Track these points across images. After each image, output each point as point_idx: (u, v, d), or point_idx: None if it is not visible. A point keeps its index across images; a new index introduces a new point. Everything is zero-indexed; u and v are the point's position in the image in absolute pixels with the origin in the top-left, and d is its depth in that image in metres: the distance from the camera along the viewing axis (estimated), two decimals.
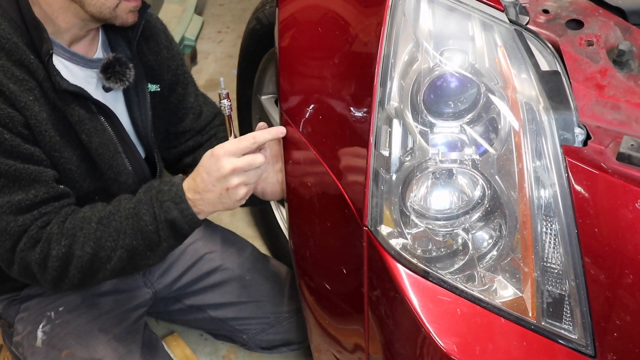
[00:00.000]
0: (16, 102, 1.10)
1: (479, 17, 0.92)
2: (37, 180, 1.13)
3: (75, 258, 1.15)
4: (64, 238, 1.15)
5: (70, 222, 1.16)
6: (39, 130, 1.13)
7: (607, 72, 0.91)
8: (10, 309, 1.44)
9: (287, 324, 1.63)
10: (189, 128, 1.50)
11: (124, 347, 1.41)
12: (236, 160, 1.11)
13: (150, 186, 1.20)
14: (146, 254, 1.19)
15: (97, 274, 1.19)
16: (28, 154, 1.12)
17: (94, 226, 1.16)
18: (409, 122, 0.91)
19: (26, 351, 1.40)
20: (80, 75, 1.23)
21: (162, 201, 1.16)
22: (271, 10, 1.64)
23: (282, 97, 1.17)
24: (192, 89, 1.49)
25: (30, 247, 1.14)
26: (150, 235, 1.17)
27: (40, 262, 1.15)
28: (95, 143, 1.22)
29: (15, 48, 1.11)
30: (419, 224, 0.93)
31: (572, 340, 0.86)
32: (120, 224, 1.16)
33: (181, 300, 1.63)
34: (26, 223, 1.13)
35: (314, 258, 1.15)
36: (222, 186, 1.13)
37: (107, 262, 1.17)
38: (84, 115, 1.20)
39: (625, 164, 0.82)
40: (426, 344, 0.89)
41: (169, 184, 1.17)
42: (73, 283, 1.19)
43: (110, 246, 1.16)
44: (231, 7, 3.81)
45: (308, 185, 1.11)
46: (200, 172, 1.14)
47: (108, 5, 1.14)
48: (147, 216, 1.16)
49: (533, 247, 0.87)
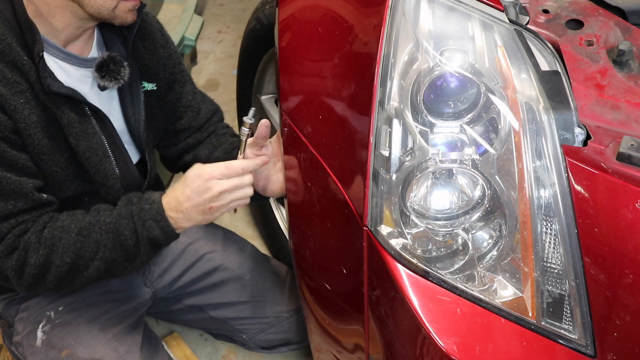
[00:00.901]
0: (5, 105, 1.09)
1: (479, 17, 0.92)
2: (16, 191, 1.13)
3: (54, 267, 1.18)
4: (42, 247, 1.17)
5: (49, 231, 1.18)
6: (27, 134, 1.13)
7: (607, 72, 0.91)
8: (10, 308, 1.44)
9: (287, 323, 1.63)
10: (188, 126, 1.50)
11: (123, 346, 1.41)
12: (224, 183, 1.15)
13: (130, 201, 1.23)
14: (123, 264, 1.23)
15: (73, 280, 1.22)
16: (12, 161, 1.12)
17: (74, 237, 1.18)
18: (409, 122, 0.91)
19: (26, 351, 1.40)
20: (75, 75, 1.22)
21: (144, 220, 1.19)
22: (271, 10, 1.64)
23: (282, 97, 1.17)
24: (189, 87, 1.50)
25: (6, 255, 1.16)
26: (129, 249, 1.21)
27: (16, 269, 1.17)
28: (83, 147, 1.22)
29: (8, 49, 1.10)
30: (419, 224, 0.93)
31: (572, 340, 0.86)
32: (100, 236, 1.19)
33: (181, 300, 1.63)
34: (3, 230, 1.14)
35: (314, 258, 1.15)
36: (206, 206, 1.17)
37: (85, 270, 1.21)
38: (74, 118, 1.19)
39: (625, 164, 0.82)
40: (426, 344, 0.89)
41: (149, 201, 1.20)
42: (48, 288, 1.22)
43: (88, 256, 1.20)
44: (231, 7, 3.81)
45: (308, 185, 1.11)
46: (186, 191, 1.17)
47: (107, 6, 1.14)
48: (127, 231, 1.19)
49: (533, 247, 0.87)
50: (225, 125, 1.56)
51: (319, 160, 1.05)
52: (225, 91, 3.01)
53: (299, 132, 1.10)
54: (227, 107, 2.90)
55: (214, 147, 1.49)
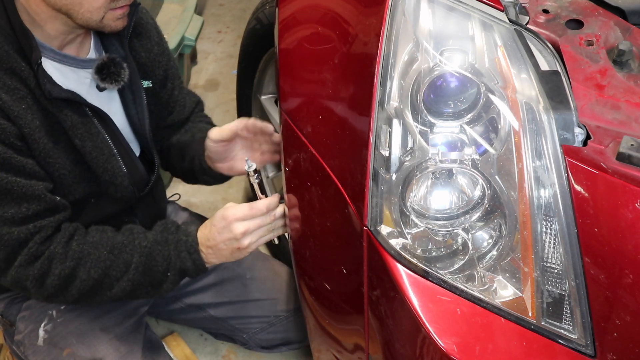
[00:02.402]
0: (9, 112, 1.09)
1: (478, 17, 0.92)
2: (28, 194, 1.13)
3: (79, 280, 1.19)
4: (68, 259, 1.17)
5: (77, 245, 1.18)
6: (32, 139, 1.13)
7: (607, 72, 0.91)
8: (11, 307, 1.44)
9: (287, 322, 1.63)
10: (177, 120, 1.53)
11: (125, 346, 1.41)
12: (246, 224, 1.19)
13: (166, 228, 1.26)
14: (147, 289, 1.25)
15: (94, 297, 1.23)
16: (20, 167, 1.12)
17: (105, 254, 1.20)
18: (408, 122, 0.91)
19: (27, 350, 1.41)
20: (72, 77, 1.22)
21: (179, 250, 1.23)
22: (271, 10, 1.64)
23: (282, 97, 1.17)
24: (177, 82, 1.52)
25: (28, 263, 1.15)
26: (158, 275, 1.24)
27: (38, 278, 1.17)
28: (89, 147, 1.22)
29: (5, 56, 1.10)
30: (419, 224, 0.93)
31: (572, 340, 0.86)
32: (132, 258, 1.21)
33: (181, 298, 1.63)
34: (21, 236, 1.13)
35: (314, 258, 1.15)
36: (233, 246, 1.21)
37: (109, 289, 1.22)
38: (77, 120, 1.20)
39: (625, 164, 0.82)
40: (426, 344, 0.89)
41: (186, 233, 1.24)
42: (67, 301, 1.23)
43: (115, 276, 1.21)
44: (231, 7, 3.81)
45: (308, 185, 1.11)
46: (213, 231, 1.21)
47: (95, 18, 1.14)
48: (160, 258, 1.22)
49: (533, 247, 0.87)
50: (204, 115, 1.61)
51: (319, 160, 1.05)
52: (225, 91, 3.01)
53: (299, 132, 1.10)
54: (227, 107, 2.90)
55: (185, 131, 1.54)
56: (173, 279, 1.25)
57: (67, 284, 1.19)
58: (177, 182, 2.50)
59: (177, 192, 1.80)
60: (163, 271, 1.23)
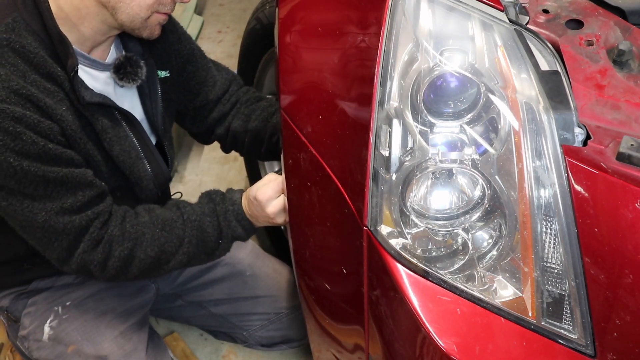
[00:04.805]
0: (53, 114, 1.12)
1: (478, 17, 0.92)
2: (82, 182, 1.17)
3: (138, 259, 1.23)
4: (126, 241, 1.21)
5: (131, 226, 1.23)
6: (73, 139, 1.17)
7: (607, 72, 0.91)
8: (17, 303, 1.45)
9: (287, 320, 1.64)
10: (208, 100, 1.53)
11: (130, 344, 1.42)
12: (276, 203, 1.25)
13: (212, 199, 1.31)
14: (202, 257, 1.31)
15: (153, 272, 1.28)
16: (70, 159, 1.16)
17: (158, 232, 1.24)
18: (408, 122, 0.91)
19: (32, 345, 1.41)
20: (101, 79, 1.25)
21: (229, 220, 1.29)
22: (271, 10, 1.64)
23: (282, 97, 1.17)
24: (202, 62, 1.51)
25: (92, 249, 1.19)
26: (211, 244, 1.30)
27: (101, 261, 1.21)
28: (117, 151, 1.26)
29: (43, 61, 1.12)
30: (418, 224, 0.93)
31: (572, 340, 0.86)
32: (184, 232, 1.26)
33: (182, 296, 1.63)
34: (82, 223, 1.17)
35: (314, 258, 1.15)
36: (268, 220, 1.28)
37: (166, 263, 1.27)
38: (107, 124, 1.23)
39: (625, 164, 0.82)
40: (426, 344, 0.89)
41: (232, 202, 1.30)
42: (128, 278, 1.27)
43: (171, 251, 1.26)
44: (231, 7, 3.81)
45: (308, 185, 1.11)
46: (250, 208, 1.28)
47: (142, 15, 1.15)
48: (210, 229, 1.28)
49: (533, 247, 0.87)
50: (246, 90, 1.59)
51: (319, 160, 1.05)
52: None
53: (299, 132, 1.10)
54: None
55: (247, 116, 1.53)
56: (225, 246, 1.32)
57: (128, 264, 1.23)
58: (177, 181, 2.51)
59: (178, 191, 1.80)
60: (215, 240, 1.29)
